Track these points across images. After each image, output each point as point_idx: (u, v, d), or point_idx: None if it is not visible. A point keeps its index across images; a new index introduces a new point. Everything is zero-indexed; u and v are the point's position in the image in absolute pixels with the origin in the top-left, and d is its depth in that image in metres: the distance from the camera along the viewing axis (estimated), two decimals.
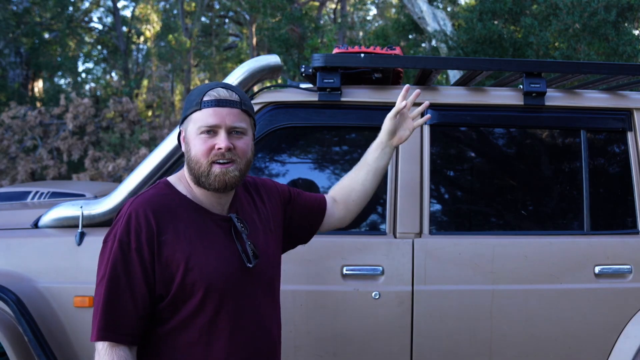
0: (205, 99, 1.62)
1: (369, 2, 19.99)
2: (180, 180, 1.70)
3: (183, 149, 1.68)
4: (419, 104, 2.23)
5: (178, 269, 1.56)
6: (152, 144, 10.19)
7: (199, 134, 1.62)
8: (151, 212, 1.58)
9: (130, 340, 1.55)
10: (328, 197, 2.04)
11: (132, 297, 1.54)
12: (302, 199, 1.95)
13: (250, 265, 1.64)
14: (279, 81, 4.74)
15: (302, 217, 1.94)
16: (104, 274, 1.55)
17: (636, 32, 6.65)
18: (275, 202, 1.87)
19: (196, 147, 1.62)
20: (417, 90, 2.09)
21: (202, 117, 1.61)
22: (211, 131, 1.61)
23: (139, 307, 1.55)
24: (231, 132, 1.63)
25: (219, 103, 1.61)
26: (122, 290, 1.54)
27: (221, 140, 1.60)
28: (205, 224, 1.64)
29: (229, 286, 1.61)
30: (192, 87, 15.86)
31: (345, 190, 2.04)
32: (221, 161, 1.61)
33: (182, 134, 1.69)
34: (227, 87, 1.66)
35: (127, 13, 20.70)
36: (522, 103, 2.49)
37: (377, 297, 2.33)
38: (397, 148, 2.43)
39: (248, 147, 1.67)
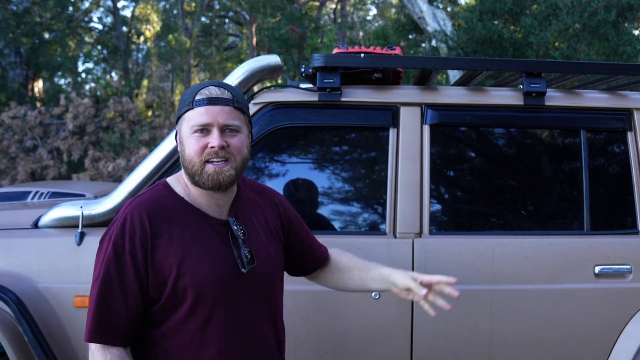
0: (197, 97, 1.60)
1: (369, 2, 19.98)
2: (179, 181, 1.69)
3: (179, 149, 1.67)
4: None
5: (170, 273, 1.55)
6: (152, 144, 10.19)
7: (192, 133, 1.60)
8: (146, 215, 1.57)
9: (122, 341, 1.55)
10: (330, 255, 1.99)
11: (124, 299, 1.54)
12: (303, 231, 1.91)
13: (244, 271, 1.62)
14: (279, 81, 4.74)
15: (298, 247, 1.90)
16: (97, 275, 1.56)
17: (636, 32, 6.65)
18: (275, 213, 1.83)
19: (190, 146, 1.60)
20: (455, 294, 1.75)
21: (194, 116, 1.60)
22: (204, 130, 1.59)
23: (131, 309, 1.54)
24: (224, 130, 1.61)
25: (210, 101, 1.60)
26: (115, 293, 1.54)
27: (214, 139, 1.58)
28: (201, 228, 1.62)
29: (222, 292, 1.59)
30: None
31: (335, 267, 1.98)
32: (215, 160, 1.59)
33: (178, 134, 1.68)
34: (220, 85, 1.65)
35: (127, 13, 20.72)
36: (522, 103, 2.49)
37: (377, 297, 2.32)
38: (397, 151, 2.43)
39: (243, 144, 1.64)
